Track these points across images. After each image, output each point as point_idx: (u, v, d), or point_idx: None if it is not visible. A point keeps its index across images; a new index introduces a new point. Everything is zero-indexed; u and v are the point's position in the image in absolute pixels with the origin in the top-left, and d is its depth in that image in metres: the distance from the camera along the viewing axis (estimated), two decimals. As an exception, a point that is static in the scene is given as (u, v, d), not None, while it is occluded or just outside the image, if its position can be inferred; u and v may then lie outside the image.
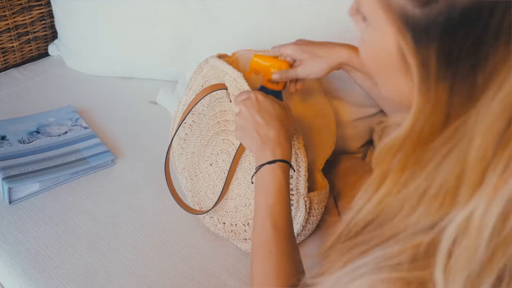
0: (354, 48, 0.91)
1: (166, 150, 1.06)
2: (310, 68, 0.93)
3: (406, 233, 0.45)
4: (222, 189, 1.00)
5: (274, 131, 0.84)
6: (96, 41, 1.47)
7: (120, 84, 1.49)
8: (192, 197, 1.10)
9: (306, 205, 0.96)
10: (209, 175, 1.05)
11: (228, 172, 0.99)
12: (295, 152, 0.93)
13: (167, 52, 1.44)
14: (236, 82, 0.96)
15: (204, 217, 1.07)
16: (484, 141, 0.38)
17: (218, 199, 1.00)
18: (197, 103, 1.02)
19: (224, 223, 1.04)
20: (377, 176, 0.49)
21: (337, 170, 1.16)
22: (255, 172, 0.84)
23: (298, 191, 0.95)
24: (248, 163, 0.98)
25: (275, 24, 1.18)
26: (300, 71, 0.94)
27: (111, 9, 1.41)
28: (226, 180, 0.99)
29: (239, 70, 1.00)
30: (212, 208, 1.02)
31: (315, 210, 1.01)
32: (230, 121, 1.01)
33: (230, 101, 1.00)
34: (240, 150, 0.97)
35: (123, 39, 1.44)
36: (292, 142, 0.90)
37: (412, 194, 0.45)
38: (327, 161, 1.08)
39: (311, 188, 1.02)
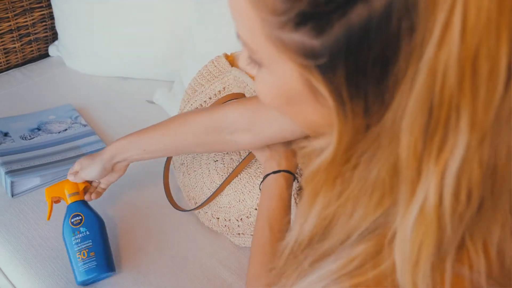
0: (123, 139, 0.97)
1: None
2: (90, 171, 0.99)
3: (352, 239, 0.46)
4: (222, 184, 1.03)
5: (283, 145, 0.90)
6: (95, 42, 1.50)
7: (118, 84, 1.52)
8: (188, 191, 1.13)
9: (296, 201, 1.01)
10: (209, 170, 1.08)
11: (234, 169, 1.02)
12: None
13: (164, 53, 1.47)
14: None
15: (199, 212, 1.10)
16: (412, 138, 0.38)
17: (209, 198, 1.04)
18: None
19: (218, 218, 1.06)
20: (309, 194, 0.49)
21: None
22: (262, 180, 0.90)
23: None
24: (256, 167, 1.03)
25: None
26: (83, 174, 1.00)
27: (109, 12, 1.44)
28: (228, 176, 1.02)
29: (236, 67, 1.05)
30: (200, 206, 1.05)
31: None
32: None
33: None
34: (245, 161, 1.02)
35: (120, 41, 1.47)
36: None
37: (346, 201, 0.46)
38: None
39: None
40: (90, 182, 1.04)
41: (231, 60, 1.15)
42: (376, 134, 0.41)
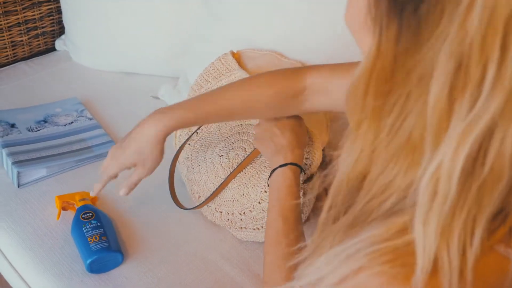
0: (180, 108, 0.93)
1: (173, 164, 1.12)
2: (145, 167, 0.95)
3: (390, 202, 0.49)
4: (226, 179, 1.04)
5: (288, 140, 0.94)
6: (102, 37, 1.51)
7: (123, 79, 1.54)
8: (192, 186, 1.13)
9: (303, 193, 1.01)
10: (213, 165, 1.09)
11: (239, 164, 1.04)
12: (312, 151, 1.01)
13: (169, 49, 1.48)
14: None
15: (202, 205, 1.12)
16: (438, 85, 0.40)
17: (213, 193, 1.05)
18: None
19: (221, 212, 1.07)
20: (352, 127, 0.51)
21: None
22: (270, 175, 0.93)
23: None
24: (261, 161, 1.04)
25: (276, 23, 1.21)
26: (140, 172, 0.96)
27: (116, 7, 1.46)
28: (233, 171, 1.04)
29: (241, 66, 1.06)
30: (203, 204, 1.07)
31: (308, 200, 1.05)
32: (252, 126, 1.09)
33: None
34: (250, 157, 1.04)
35: (127, 36, 1.48)
36: (310, 142, 1.01)
37: (383, 148, 0.48)
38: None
39: None
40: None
41: (238, 58, 1.16)
42: (406, 74, 0.44)
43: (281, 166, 0.91)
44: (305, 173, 0.99)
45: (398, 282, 0.45)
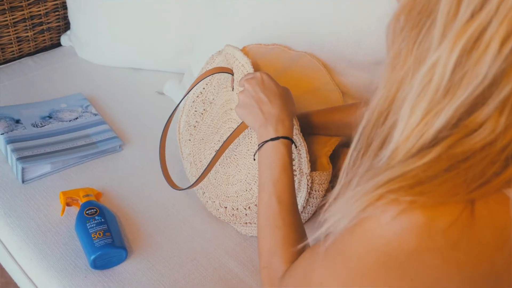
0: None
1: (164, 134, 1.11)
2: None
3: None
4: (209, 163, 1.02)
5: (277, 108, 0.87)
6: (107, 33, 1.51)
7: (128, 75, 1.54)
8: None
9: (308, 184, 0.99)
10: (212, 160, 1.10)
11: (219, 148, 1.00)
12: (294, 138, 0.95)
13: (175, 45, 1.48)
14: (243, 68, 0.99)
15: (207, 201, 1.11)
16: None
17: (203, 172, 1.03)
18: (200, 82, 1.06)
19: (226, 207, 1.07)
20: (390, 60, 0.54)
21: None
22: (258, 148, 0.87)
23: (301, 171, 0.98)
24: (247, 149, 1.02)
25: (280, 19, 1.21)
26: None
27: (121, 2, 1.45)
28: (215, 154, 1.01)
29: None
30: (193, 185, 1.05)
31: (315, 191, 1.03)
32: (233, 110, 1.06)
33: (232, 88, 1.04)
34: (237, 131, 0.98)
35: (132, 32, 1.48)
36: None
37: (411, 73, 0.51)
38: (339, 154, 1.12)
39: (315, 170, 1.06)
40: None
41: (245, 53, 1.15)
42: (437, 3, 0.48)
43: (272, 139, 0.85)
44: (296, 147, 0.94)
45: (415, 209, 0.47)
